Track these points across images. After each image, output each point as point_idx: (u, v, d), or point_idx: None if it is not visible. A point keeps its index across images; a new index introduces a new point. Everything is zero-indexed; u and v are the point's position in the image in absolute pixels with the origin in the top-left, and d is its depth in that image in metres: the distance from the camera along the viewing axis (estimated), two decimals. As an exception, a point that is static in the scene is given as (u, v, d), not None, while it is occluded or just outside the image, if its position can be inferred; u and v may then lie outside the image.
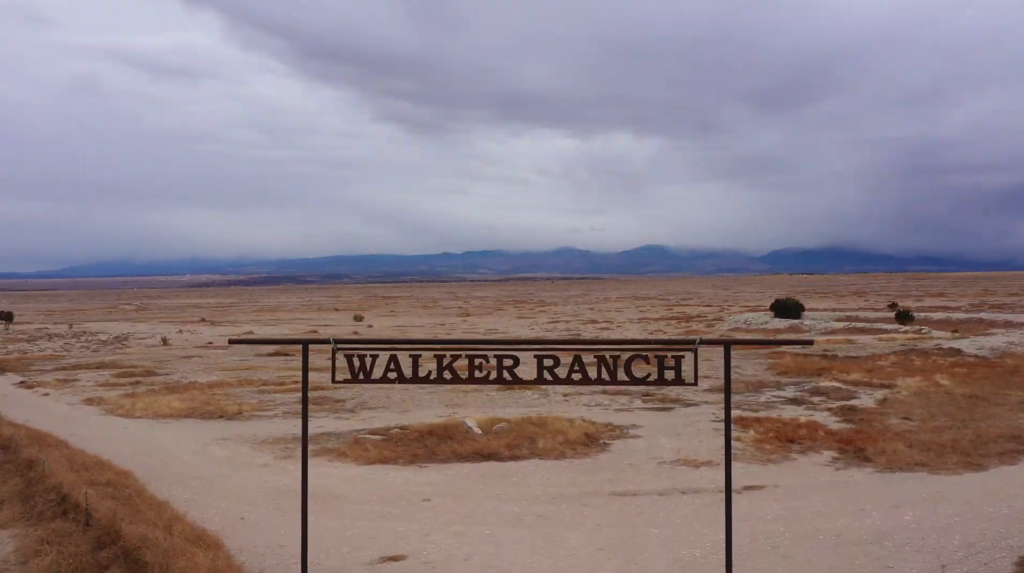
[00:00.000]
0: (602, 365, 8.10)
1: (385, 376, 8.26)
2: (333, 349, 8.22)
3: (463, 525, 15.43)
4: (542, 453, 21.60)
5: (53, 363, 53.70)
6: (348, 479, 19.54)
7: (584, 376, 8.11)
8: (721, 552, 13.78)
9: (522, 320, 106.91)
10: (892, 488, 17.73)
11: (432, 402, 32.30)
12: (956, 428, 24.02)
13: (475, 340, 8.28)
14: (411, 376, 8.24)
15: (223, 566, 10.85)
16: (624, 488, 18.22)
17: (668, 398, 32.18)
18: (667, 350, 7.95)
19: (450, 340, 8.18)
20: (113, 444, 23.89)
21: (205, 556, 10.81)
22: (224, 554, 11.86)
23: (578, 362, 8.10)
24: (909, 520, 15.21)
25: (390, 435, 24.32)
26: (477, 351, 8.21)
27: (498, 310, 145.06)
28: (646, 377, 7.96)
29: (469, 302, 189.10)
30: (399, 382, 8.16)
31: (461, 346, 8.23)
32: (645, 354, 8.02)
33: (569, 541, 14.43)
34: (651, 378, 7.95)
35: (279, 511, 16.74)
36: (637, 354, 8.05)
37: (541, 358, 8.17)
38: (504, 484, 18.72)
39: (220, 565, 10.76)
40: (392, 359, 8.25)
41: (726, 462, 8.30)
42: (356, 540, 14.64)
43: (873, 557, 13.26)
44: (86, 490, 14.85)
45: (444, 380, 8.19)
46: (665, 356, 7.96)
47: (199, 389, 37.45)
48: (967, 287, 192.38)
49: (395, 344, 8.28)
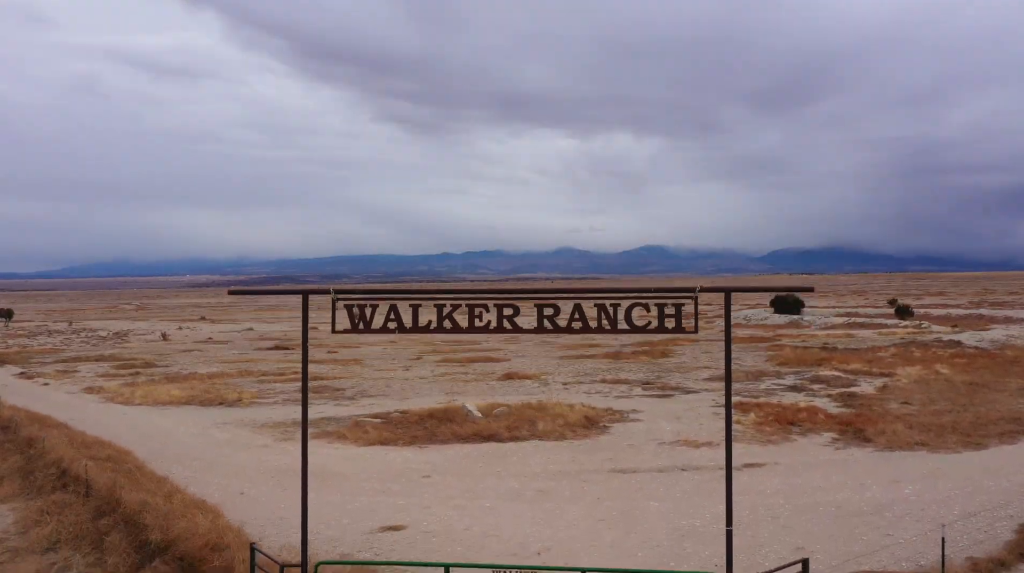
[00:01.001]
0: (602, 313, 8.09)
1: (385, 326, 8.25)
2: (333, 299, 8.20)
3: (463, 499, 15.43)
4: (542, 435, 21.58)
5: (53, 356, 53.66)
6: (348, 458, 19.53)
7: (584, 324, 8.10)
8: (719, 522, 13.81)
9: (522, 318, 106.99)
10: (892, 465, 17.72)
11: (432, 390, 32.27)
12: (956, 412, 24.01)
13: (475, 290, 8.26)
14: (411, 326, 8.23)
15: (223, 527, 10.85)
16: (624, 466, 18.21)
17: (668, 386, 32.19)
18: (667, 298, 7.94)
19: (450, 290, 8.14)
20: (112, 428, 23.88)
21: (205, 518, 10.80)
22: (224, 519, 11.85)
23: (578, 311, 8.10)
24: (909, 493, 15.22)
25: (390, 418, 24.31)
26: (477, 300, 8.20)
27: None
28: (646, 325, 7.95)
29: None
30: (399, 332, 8.14)
31: (461, 295, 8.21)
32: (645, 302, 7.99)
33: (569, 513, 14.42)
34: (651, 326, 7.94)
35: (279, 487, 16.73)
36: (637, 302, 8.03)
37: (541, 307, 8.16)
38: (504, 462, 18.71)
39: (221, 526, 10.76)
40: (392, 309, 8.24)
41: (726, 411, 8.27)
42: (356, 513, 14.64)
43: (873, 526, 13.26)
44: (86, 462, 14.86)
45: (444, 329, 8.18)
46: (665, 304, 7.95)
47: (199, 379, 37.46)
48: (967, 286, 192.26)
49: (395, 294, 8.25)
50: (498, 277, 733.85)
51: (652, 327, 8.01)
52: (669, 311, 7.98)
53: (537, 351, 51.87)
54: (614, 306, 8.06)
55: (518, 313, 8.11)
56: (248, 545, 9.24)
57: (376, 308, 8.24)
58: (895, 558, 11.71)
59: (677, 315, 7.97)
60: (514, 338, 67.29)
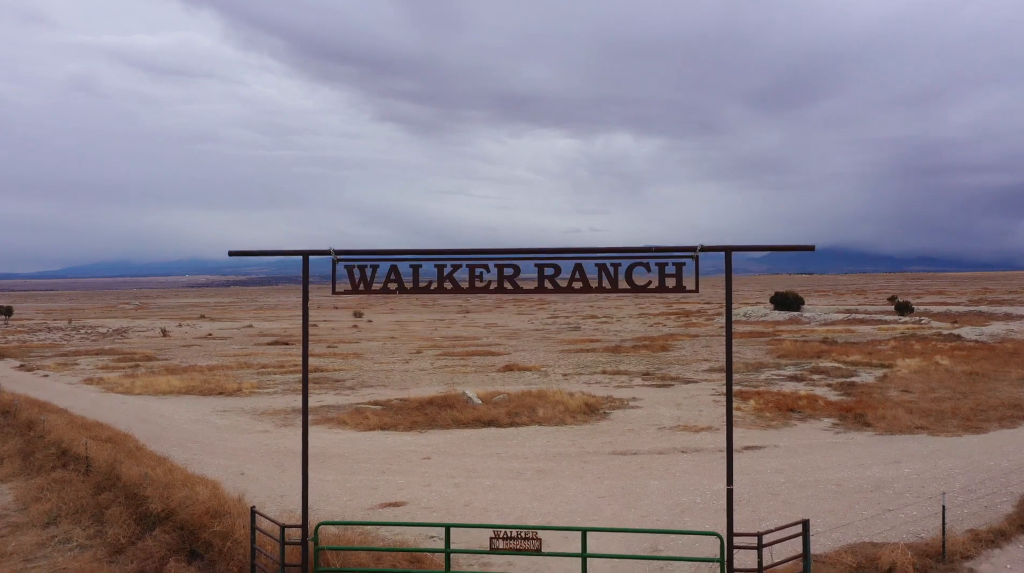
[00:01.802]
0: (603, 273, 8.09)
1: (386, 286, 8.24)
2: (333, 259, 8.20)
3: (463, 477, 15.42)
4: (542, 420, 21.58)
5: (53, 350, 53.65)
6: (348, 441, 19.53)
7: (585, 284, 8.09)
8: (720, 499, 13.81)
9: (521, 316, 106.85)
10: (893, 447, 17.71)
11: (432, 381, 32.26)
12: (956, 399, 24.00)
13: (475, 249, 8.24)
14: (412, 286, 8.23)
15: (223, 496, 10.84)
16: (624, 448, 18.21)
17: (668, 376, 32.18)
18: (668, 257, 7.94)
19: (450, 249, 8.12)
20: (112, 414, 23.86)
21: (205, 489, 10.80)
22: (224, 490, 11.84)
23: (579, 270, 8.09)
24: (909, 472, 15.21)
25: (390, 405, 24.31)
26: (478, 260, 8.20)
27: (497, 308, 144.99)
28: (647, 285, 7.92)
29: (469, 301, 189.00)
30: (399, 292, 8.14)
31: (462, 255, 8.20)
32: (646, 261, 7.98)
33: (569, 490, 14.42)
34: (652, 285, 7.92)
35: (279, 468, 16.73)
36: (638, 261, 8.03)
37: (542, 267, 8.16)
38: (504, 445, 18.71)
39: (221, 494, 10.75)
40: (393, 269, 8.25)
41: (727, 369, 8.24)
42: (357, 490, 14.63)
43: (873, 502, 13.26)
44: (86, 440, 14.85)
45: (445, 290, 8.17)
46: (666, 263, 7.95)
47: (199, 371, 37.46)
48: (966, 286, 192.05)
49: (396, 254, 8.24)
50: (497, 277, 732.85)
51: (653, 286, 8.01)
52: (670, 270, 7.98)
53: (537, 345, 51.87)
54: (615, 266, 8.07)
55: (519, 273, 8.11)
56: (248, 511, 9.23)
57: (377, 268, 8.25)
58: (895, 531, 11.70)
59: (678, 274, 7.97)
60: (514, 333, 67.30)
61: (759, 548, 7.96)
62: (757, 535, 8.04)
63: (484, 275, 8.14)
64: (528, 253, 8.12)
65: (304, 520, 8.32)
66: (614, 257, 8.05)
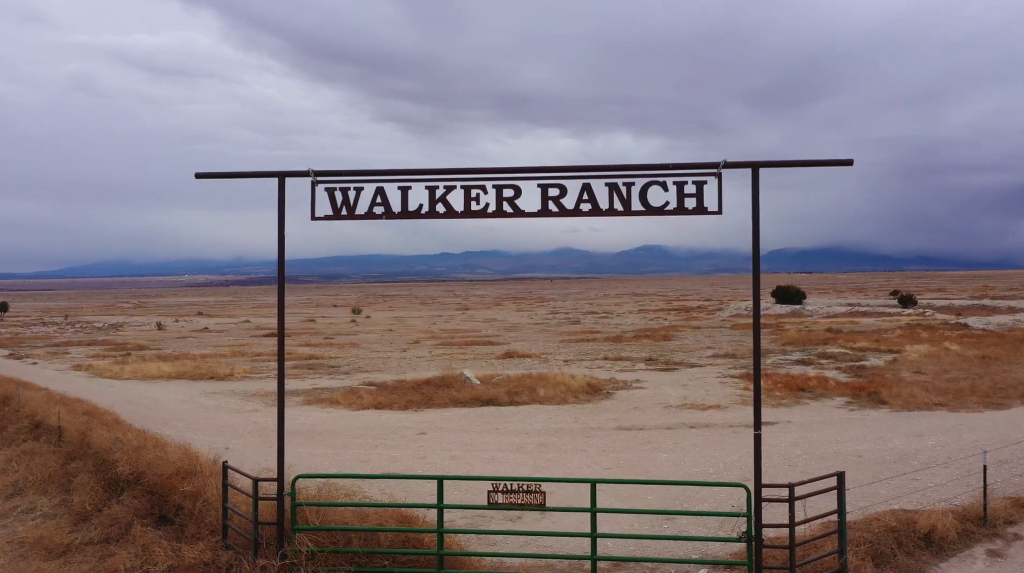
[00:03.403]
0: (614, 193, 7.21)
1: (371, 211, 7.36)
2: (312, 181, 7.33)
3: (460, 451, 14.57)
4: (543, 399, 20.73)
5: (44, 341, 52.76)
6: (341, 418, 18.69)
7: (594, 206, 7.22)
8: (734, 470, 12.97)
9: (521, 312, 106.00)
10: (912, 422, 16.88)
11: (430, 367, 31.38)
12: (972, 379, 23.16)
13: (471, 168, 7.37)
14: (400, 210, 7.36)
15: (195, 455, 9.98)
16: (630, 424, 17.37)
17: (672, 361, 31.33)
18: (688, 174, 7.07)
19: (444, 169, 7.22)
20: (97, 395, 22.96)
21: (176, 450, 9.95)
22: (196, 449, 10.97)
23: (587, 191, 7.23)
24: (933, 444, 14.37)
25: (385, 385, 23.46)
26: (474, 180, 7.33)
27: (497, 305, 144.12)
28: (663, 206, 7.05)
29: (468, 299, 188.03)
30: (386, 217, 7.27)
31: (456, 175, 7.31)
32: (663, 180, 7.11)
33: (572, 463, 13.57)
34: (669, 207, 7.06)
35: (267, 444, 15.83)
36: (653, 180, 7.15)
37: (546, 187, 7.28)
38: (504, 421, 17.87)
39: (192, 453, 9.89)
40: (379, 192, 7.37)
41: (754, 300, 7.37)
42: (347, 463, 13.78)
43: (897, 472, 12.40)
44: (59, 410, 13.99)
45: (437, 214, 7.30)
46: (685, 182, 7.09)
47: (191, 358, 36.56)
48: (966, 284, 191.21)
49: (382, 174, 7.35)
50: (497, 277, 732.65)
51: (671, 208, 7.14)
52: (689, 190, 7.11)
53: (537, 337, 51.02)
54: (627, 185, 7.19)
55: (519, 195, 7.24)
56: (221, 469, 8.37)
57: (361, 191, 7.37)
58: (924, 497, 10.85)
59: (698, 194, 7.10)
60: (514, 326, 66.33)
61: (791, 501, 7.11)
62: (788, 486, 7.18)
63: (481, 198, 7.28)
64: (530, 172, 7.25)
65: (280, 473, 7.46)
66: (627, 175, 7.18)
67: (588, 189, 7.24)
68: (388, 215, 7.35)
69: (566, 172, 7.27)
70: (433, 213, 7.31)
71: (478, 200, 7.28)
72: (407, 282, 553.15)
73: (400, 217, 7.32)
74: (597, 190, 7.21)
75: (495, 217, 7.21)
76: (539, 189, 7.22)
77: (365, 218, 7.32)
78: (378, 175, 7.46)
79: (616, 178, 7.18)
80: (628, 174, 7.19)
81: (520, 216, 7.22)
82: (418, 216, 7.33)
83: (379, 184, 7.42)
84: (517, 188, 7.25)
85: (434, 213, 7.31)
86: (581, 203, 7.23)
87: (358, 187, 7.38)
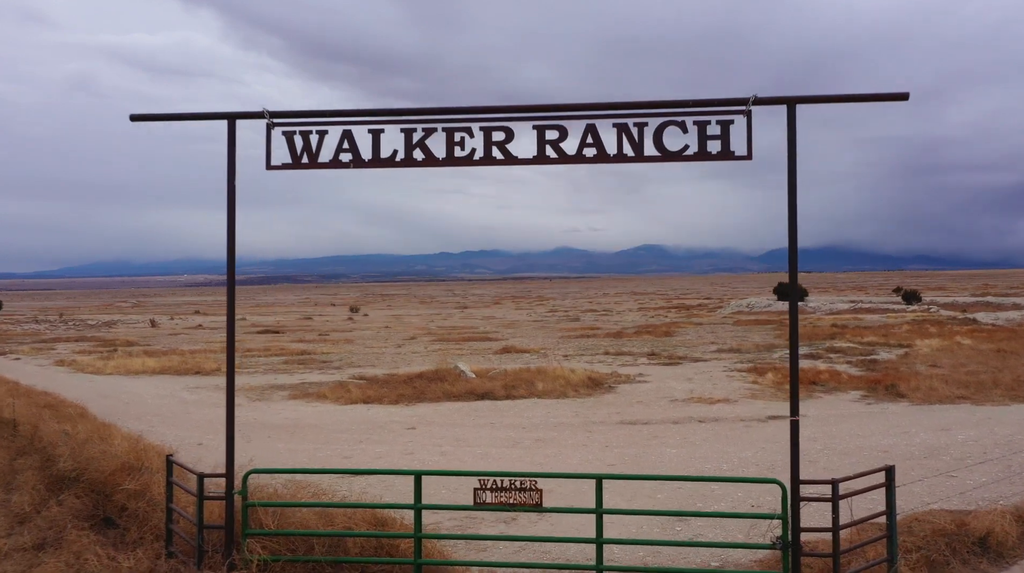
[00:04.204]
0: (623, 135, 6.12)
1: (337, 158, 6.25)
2: (268, 123, 6.22)
3: (451, 446, 13.46)
4: (542, 393, 19.61)
5: (32, 338, 51.64)
6: (326, 413, 17.58)
7: (600, 151, 6.10)
8: (750, 466, 11.85)
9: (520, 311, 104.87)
10: (935, 416, 15.77)
11: (424, 362, 30.26)
12: (992, 372, 22.04)
13: (454, 108, 6.24)
14: (371, 157, 6.25)
15: (145, 448, 8.86)
16: (634, 418, 16.26)
17: (675, 356, 30.20)
18: (711, 113, 5.97)
19: (422, 108, 6.08)
20: (73, 390, 21.86)
21: (123, 442, 8.83)
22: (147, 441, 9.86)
23: (592, 133, 6.12)
24: (964, 439, 13.26)
25: (375, 379, 22.33)
26: (457, 122, 6.21)
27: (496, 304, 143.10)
28: (682, 150, 5.93)
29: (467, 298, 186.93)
30: (355, 165, 6.16)
31: (436, 115, 6.18)
32: (681, 119, 6.00)
33: (573, 459, 12.46)
34: (689, 151, 5.95)
35: (243, 439, 14.67)
36: (670, 120, 6.05)
37: (543, 129, 6.17)
38: (500, 415, 16.76)
39: (141, 447, 8.77)
40: (346, 136, 6.25)
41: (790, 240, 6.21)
42: (328, 460, 12.65)
43: (930, 469, 11.30)
44: (13, 402, 12.87)
45: (414, 161, 6.19)
46: (708, 121, 5.99)
47: (179, 354, 35.42)
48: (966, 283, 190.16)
49: (349, 115, 6.23)
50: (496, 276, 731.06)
51: (690, 153, 6.02)
52: (713, 131, 5.99)
53: (536, 333, 49.89)
54: (639, 126, 6.07)
55: (511, 138, 6.13)
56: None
57: (325, 135, 6.26)
58: (964, 497, 9.75)
59: (724, 135, 5.98)
60: (512, 323, 65.24)
61: (834, 499, 5.99)
62: (832, 482, 6.06)
63: (466, 142, 6.17)
64: (524, 111, 6.15)
65: (229, 468, 6.35)
66: (639, 114, 6.07)
67: (593, 131, 6.13)
68: (357, 163, 6.23)
69: (567, 111, 6.15)
70: (410, 160, 6.20)
71: (462, 145, 6.17)
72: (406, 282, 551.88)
73: (371, 165, 6.21)
74: (604, 132, 6.10)
75: (483, 164, 6.11)
76: (535, 131, 6.11)
77: (330, 167, 6.22)
78: (345, 117, 6.34)
79: (626, 117, 6.07)
80: (641, 113, 6.07)
81: (512, 163, 6.12)
82: (392, 164, 6.22)
83: (346, 127, 6.30)
84: (508, 130, 6.13)
85: (411, 160, 6.20)
86: (585, 148, 6.11)
87: (321, 131, 6.26)
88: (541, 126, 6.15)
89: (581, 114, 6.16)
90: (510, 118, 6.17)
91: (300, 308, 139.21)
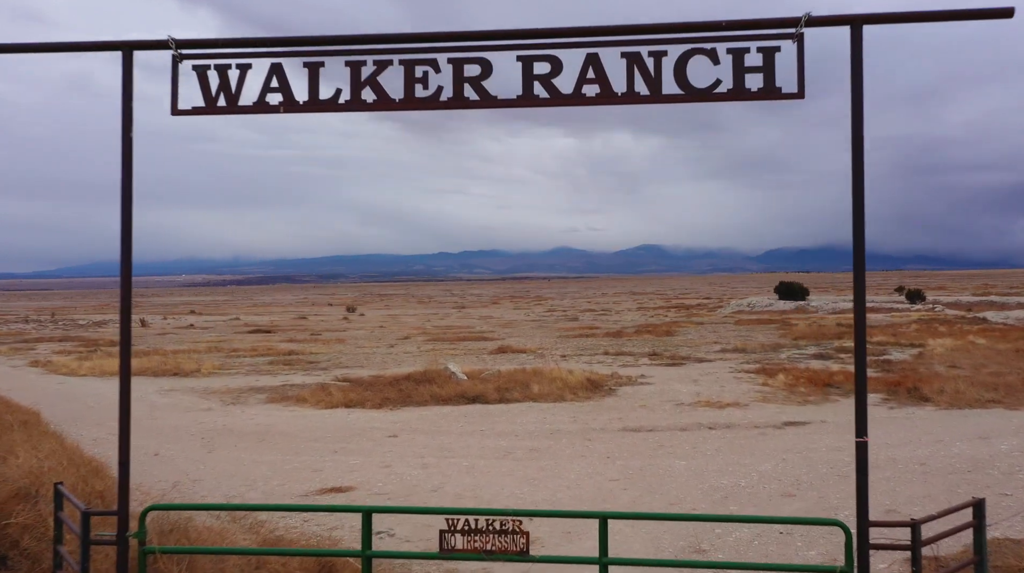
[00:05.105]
0: (635, 68, 4.70)
1: (263, 100, 4.84)
2: (174, 54, 4.82)
3: (434, 457, 12.06)
4: (537, 396, 18.22)
5: (15, 338, 50.16)
6: (302, 418, 16.19)
7: (604, 88, 4.69)
8: (771, 482, 10.46)
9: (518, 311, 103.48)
10: (968, 422, 14.39)
11: (416, 363, 28.81)
12: (1017, 373, 20.68)
13: (415, 35, 4.81)
14: (308, 99, 4.82)
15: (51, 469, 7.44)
16: (637, 425, 14.87)
17: (678, 356, 28.82)
18: (750, 38, 4.57)
19: (374, 35, 4.63)
20: (38, 393, 20.47)
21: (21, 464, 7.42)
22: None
23: (594, 65, 4.70)
24: (1008, 449, 11.89)
25: (360, 381, 20.93)
26: (420, 55, 4.82)
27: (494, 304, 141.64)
28: (713, 86, 4.51)
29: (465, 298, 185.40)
30: (286, 109, 4.75)
31: (392, 43, 4.76)
32: (711, 47, 4.59)
33: (571, 473, 11.07)
34: (722, 87, 4.53)
35: (205, 449, 13.37)
36: (697, 47, 4.63)
37: (530, 60, 4.75)
38: (491, 421, 15.36)
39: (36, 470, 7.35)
40: (275, 71, 4.84)
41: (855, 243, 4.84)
42: (295, 473, 11.27)
43: (978, 486, 9.91)
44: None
45: (364, 103, 4.78)
46: (747, 48, 4.59)
47: (160, 354, 33.98)
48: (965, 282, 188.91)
49: (278, 45, 4.83)
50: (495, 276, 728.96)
51: (724, 90, 4.63)
52: (752, 61, 4.60)
53: (533, 332, 48.44)
54: (657, 55, 4.68)
55: (489, 73, 4.74)
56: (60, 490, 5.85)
57: (248, 70, 4.86)
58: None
59: (767, 67, 4.59)
60: (510, 323, 63.79)
61: (914, 546, 4.60)
62: (911, 525, 4.67)
63: (431, 78, 4.77)
64: (505, 39, 4.75)
65: (121, 505, 4.89)
66: (656, 39, 4.67)
67: (595, 62, 4.73)
68: (289, 106, 4.84)
69: (562, 37, 4.75)
70: (358, 102, 4.80)
71: (425, 82, 4.77)
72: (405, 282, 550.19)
73: (307, 109, 4.82)
74: (609, 64, 4.69)
75: (452, 107, 4.72)
76: (520, 63, 4.72)
77: (254, 111, 4.83)
78: (273, 47, 4.95)
79: (639, 44, 4.66)
80: (658, 38, 4.66)
81: (491, 105, 4.72)
82: (335, 108, 4.83)
83: (275, 60, 4.91)
84: (485, 63, 4.73)
85: (359, 102, 4.80)
86: (584, 84, 4.70)
87: (243, 65, 4.85)
88: (528, 56, 4.74)
89: (580, 40, 4.75)
90: (487, 46, 4.77)
91: (296, 308, 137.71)
